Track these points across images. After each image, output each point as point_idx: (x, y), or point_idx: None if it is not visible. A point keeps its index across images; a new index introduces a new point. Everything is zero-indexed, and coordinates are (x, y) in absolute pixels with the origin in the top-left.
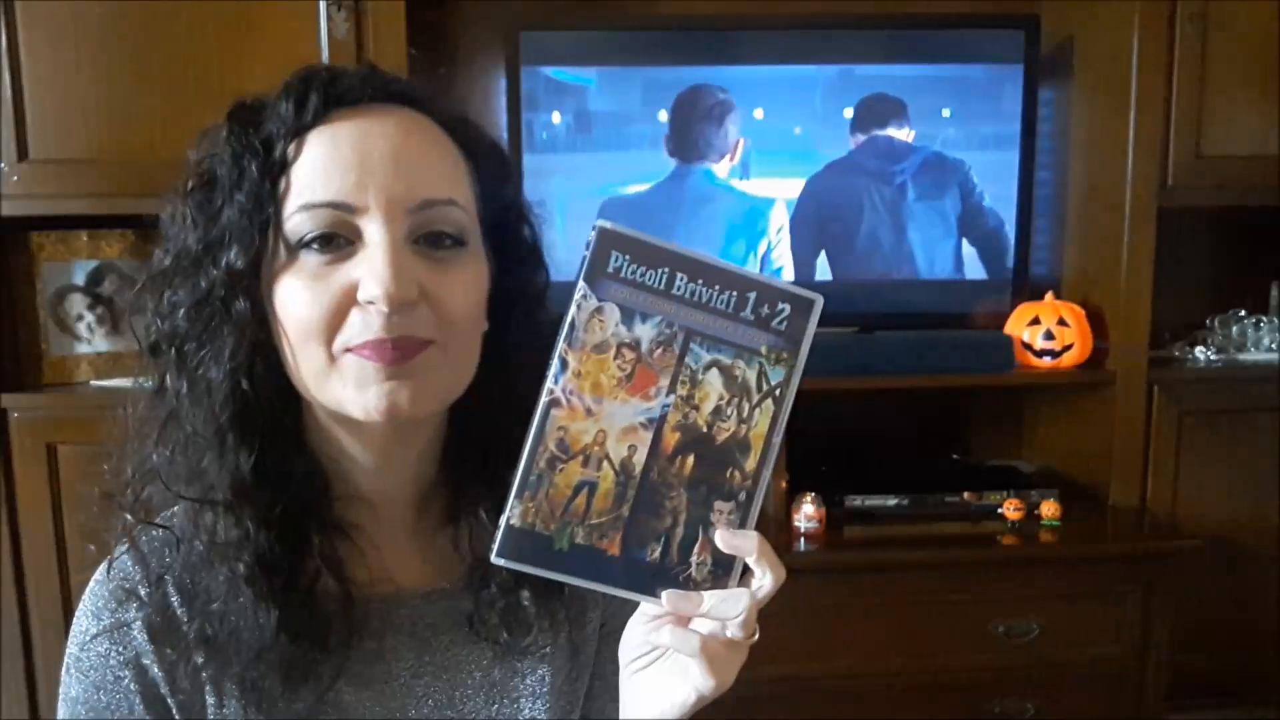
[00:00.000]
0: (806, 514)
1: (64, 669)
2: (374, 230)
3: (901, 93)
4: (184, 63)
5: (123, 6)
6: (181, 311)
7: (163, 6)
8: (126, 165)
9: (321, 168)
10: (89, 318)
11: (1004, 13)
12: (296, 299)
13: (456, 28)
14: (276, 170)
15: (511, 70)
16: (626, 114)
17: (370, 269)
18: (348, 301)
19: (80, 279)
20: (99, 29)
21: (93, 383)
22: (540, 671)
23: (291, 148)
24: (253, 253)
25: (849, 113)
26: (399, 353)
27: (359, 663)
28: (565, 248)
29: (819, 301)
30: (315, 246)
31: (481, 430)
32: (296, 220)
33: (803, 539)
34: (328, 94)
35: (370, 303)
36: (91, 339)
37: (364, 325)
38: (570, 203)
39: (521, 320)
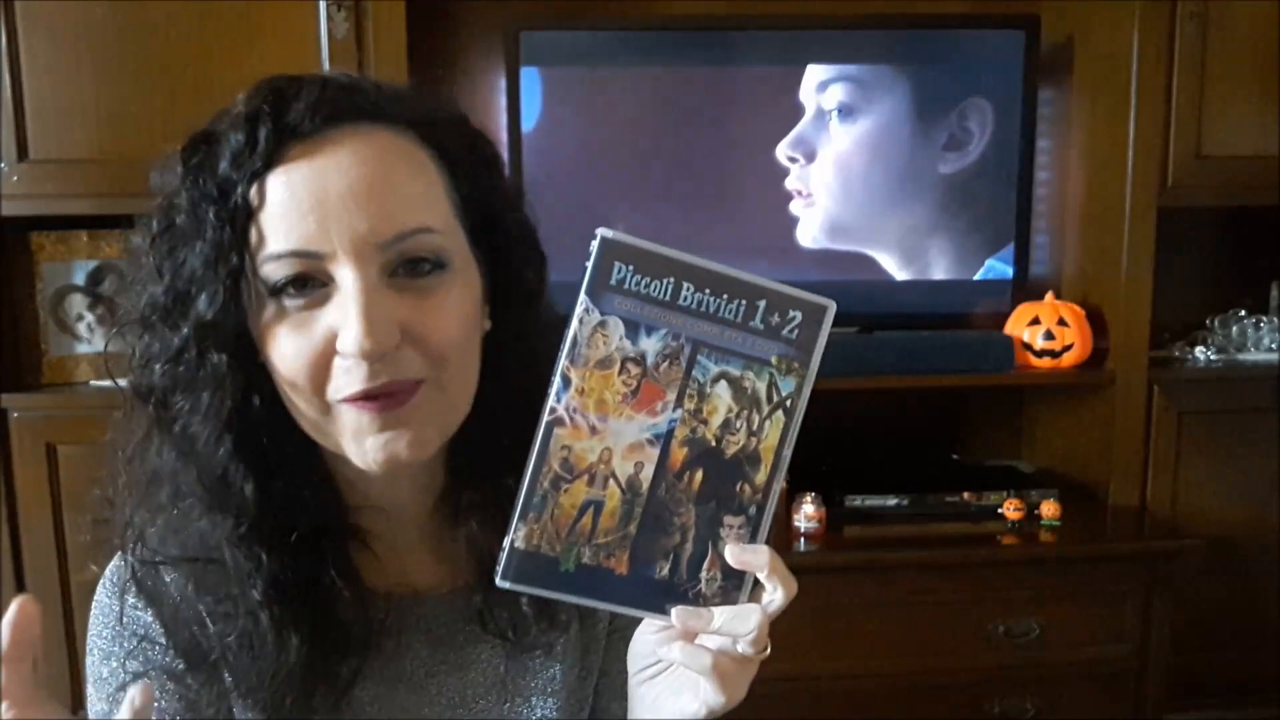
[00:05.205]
0: (806, 514)
1: (87, 651)
2: (345, 275)
3: (901, 92)
4: (184, 63)
5: (123, 6)
6: (158, 367)
7: (163, 7)
8: (126, 165)
9: (281, 215)
10: (89, 318)
11: (1004, 13)
12: (281, 350)
13: (456, 28)
14: (240, 217)
15: (511, 70)
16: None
17: (344, 320)
18: (330, 350)
19: (80, 279)
20: (99, 29)
21: (93, 383)
22: (551, 670)
23: (253, 192)
24: (220, 303)
25: (848, 113)
26: (390, 399)
27: (375, 663)
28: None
29: (831, 308)
30: (291, 290)
31: (484, 428)
32: (267, 270)
33: (803, 539)
34: (278, 128)
35: (349, 356)
36: (91, 339)
37: (348, 377)
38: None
39: (518, 315)
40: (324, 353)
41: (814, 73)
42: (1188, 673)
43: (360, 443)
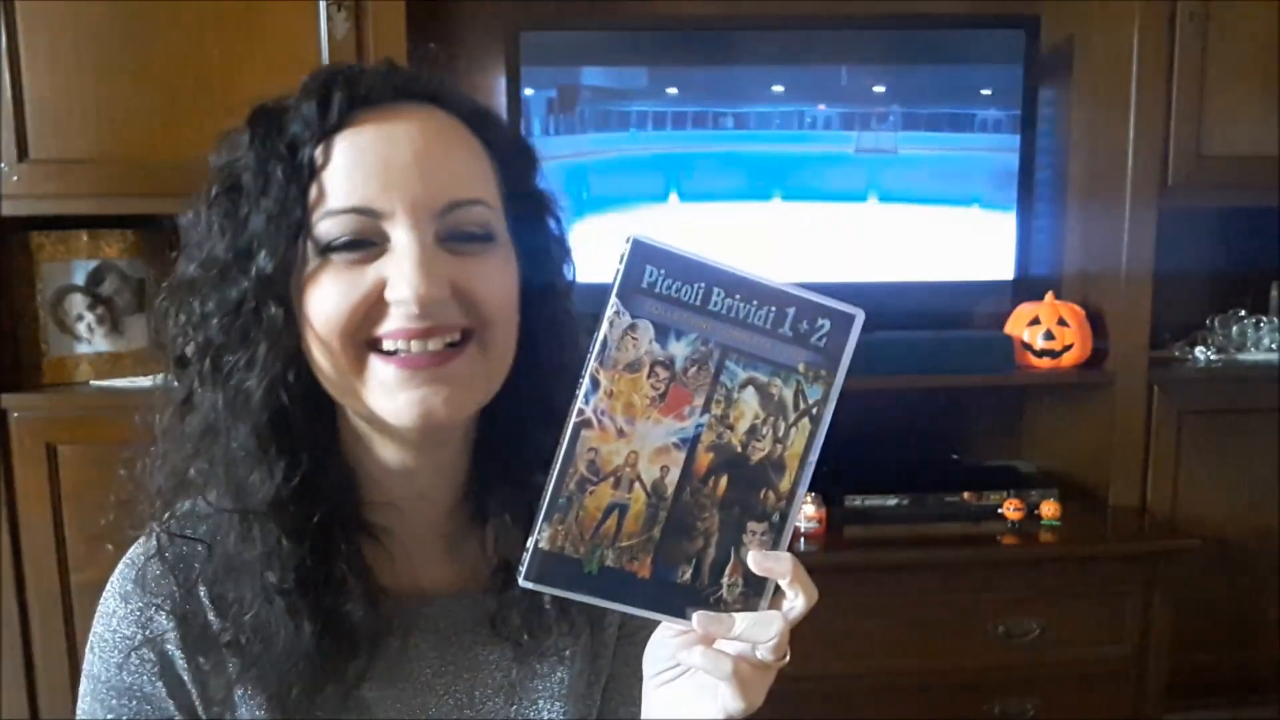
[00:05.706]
0: (806, 514)
1: (88, 646)
2: (401, 235)
3: (901, 93)
4: (184, 63)
5: (123, 6)
6: (215, 322)
7: (163, 6)
8: (126, 165)
9: (346, 174)
10: (89, 318)
11: (1004, 13)
12: (324, 296)
13: (456, 28)
14: (305, 175)
15: (511, 70)
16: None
17: (399, 271)
18: (376, 297)
19: (80, 279)
20: (99, 29)
21: (93, 383)
22: (559, 674)
23: (319, 151)
24: (281, 258)
25: (848, 112)
26: (434, 357)
27: (382, 661)
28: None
29: (859, 317)
30: (343, 249)
31: (508, 430)
32: (324, 226)
33: (803, 539)
34: (351, 94)
35: (400, 303)
36: (91, 339)
37: (392, 318)
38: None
39: (549, 315)
40: (369, 297)
41: (814, 72)
42: (1188, 673)
43: (394, 397)
